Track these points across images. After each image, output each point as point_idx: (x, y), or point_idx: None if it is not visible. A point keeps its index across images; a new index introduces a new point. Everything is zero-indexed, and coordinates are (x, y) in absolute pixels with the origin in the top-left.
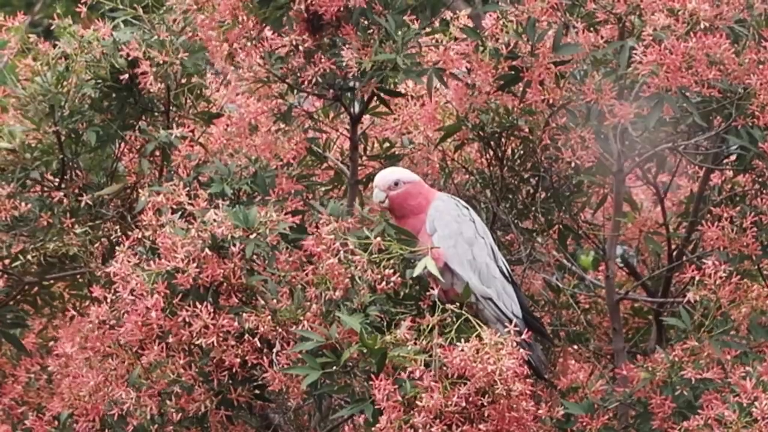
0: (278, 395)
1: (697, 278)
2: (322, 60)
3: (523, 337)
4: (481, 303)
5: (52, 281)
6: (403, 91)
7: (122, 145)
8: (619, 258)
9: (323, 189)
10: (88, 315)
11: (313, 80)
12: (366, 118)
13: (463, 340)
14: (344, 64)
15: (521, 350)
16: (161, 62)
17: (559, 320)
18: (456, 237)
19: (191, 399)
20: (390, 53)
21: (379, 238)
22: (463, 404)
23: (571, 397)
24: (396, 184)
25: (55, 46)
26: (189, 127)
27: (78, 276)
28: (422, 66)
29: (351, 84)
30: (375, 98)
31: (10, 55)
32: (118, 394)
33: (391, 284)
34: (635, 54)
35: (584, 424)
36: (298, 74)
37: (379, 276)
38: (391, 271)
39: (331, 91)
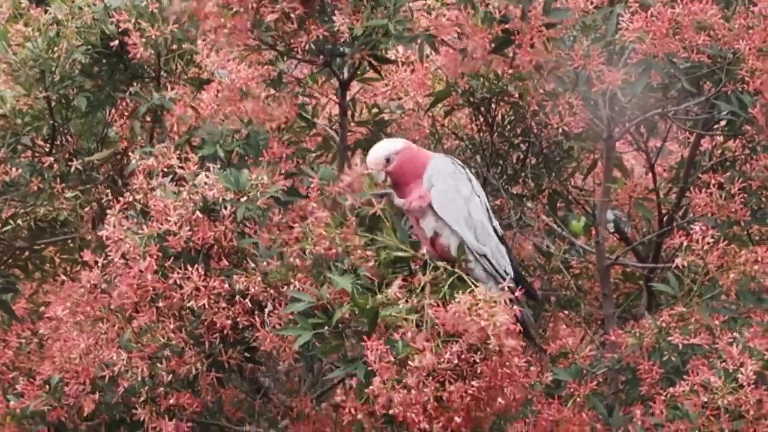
0: (269, 358)
1: (685, 244)
2: (314, 27)
3: (517, 294)
4: (473, 261)
5: (42, 246)
6: (393, 58)
7: (113, 110)
8: (611, 223)
9: (312, 155)
10: (79, 279)
11: (306, 47)
12: (356, 84)
13: (457, 295)
14: (336, 29)
15: (515, 307)
16: (151, 35)
17: (550, 285)
18: (452, 192)
19: (182, 362)
20: (381, 19)
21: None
22: (456, 361)
23: (561, 362)
24: (388, 160)
25: (46, 11)
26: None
27: (69, 241)
28: (413, 32)
29: (342, 50)
30: (365, 64)
31: (1, 21)
32: (108, 356)
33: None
34: (622, 20)
35: (572, 390)
36: (290, 41)
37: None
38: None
39: (322, 57)
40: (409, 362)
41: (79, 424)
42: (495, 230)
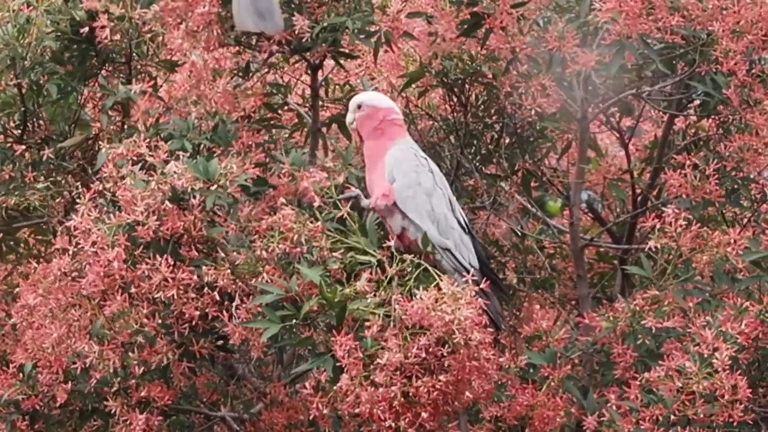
0: (241, 346)
1: (657, 226)
2: None
3: (482, 286)
4: (438, 254)
5: (16, 228)
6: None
7: (85, 94)
8: (584, 204)
9: (285, 134)
10: (52, 265)
11: (270, 43)
12: (329, 64)
13: (421, 289)
14: (297, 30)
15: (479, 300)
16: (120, 16)
17: (524, 266)
18: (414, 187)
19: (154, 351)
20: (342, 15)
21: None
22: (423, 356)
23: (535, 345)
24: (359, 107)
25: None
26: (150, 79)
27: (42, 224)
28: (375, 25)
29: (306, 45)
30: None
31: None
32: (81, 347)
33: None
34: (595, 1)
35: (547, 373)
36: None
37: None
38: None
39: (288, 49)
40: (378, 359)
41: (53, 412)
42: (459, 222)
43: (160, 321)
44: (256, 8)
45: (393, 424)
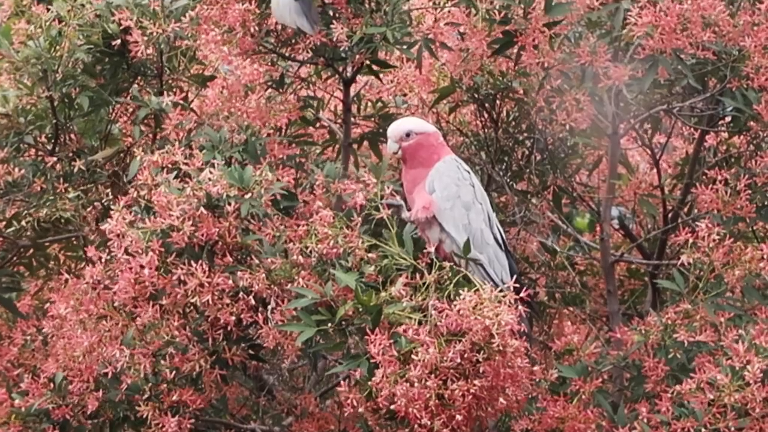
0: (273, 355)
1: (690, 241)
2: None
3: (522, 295)
4: (471, 267)
5: (47, 244)
6: (394, 64)
7: (116, 107)
8: (615, 220)
9: (317, 151)
10: (83, 276)
11: (305, 51)
12: (361, 80)
13: (463, 292)
14: (334, 38)
15: (519, 307)
16: (153, 33)
17: (555, 282)
18: (454, 200)
19: (185, 359)
20: (380, 25)
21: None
22: (459, 360)
23: (566, 359)
24: (408, 135)
25: (48, 9)
26: (181, 93)
27: (73, 238)
28: (413, 36)
29: (342, 54)
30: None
31: (3, 18)
32: (111, 353)
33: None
34: (630, 16)
35: (577, 387)
36: (290, 45)
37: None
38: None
39: (322, 59)
40: (413, 356)
41: (84, 423)
42: (495, 238)
43: (192, 329)
44: (296, 6)
45: (428, 422)
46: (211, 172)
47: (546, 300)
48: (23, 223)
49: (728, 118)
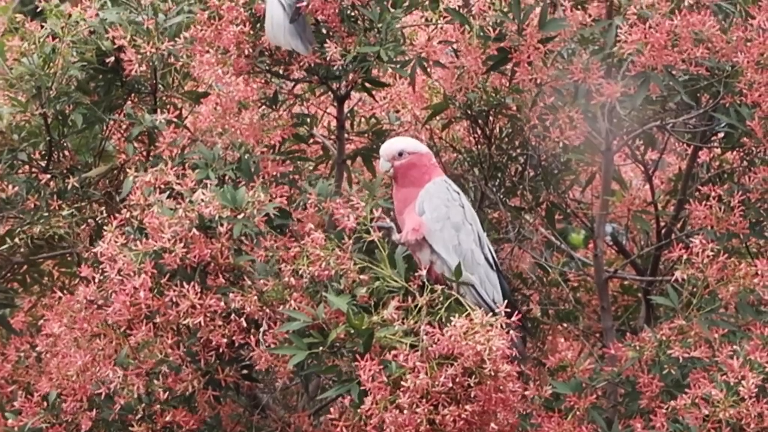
0: (266, 375)
1: (684, 257)
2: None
3: (514, 319)
4: (462, 289)
5: (41, 260)
6: (388, 80)
7: (110, 124)
8: (608, 236)
9: (310, 167)
10: (77, 294)
11: (299, 71)
12: (354, 96)
13: (453, 318)
14: (327, 57)
15: (511, 332)
16: (146, 52)
17: (548, 298)
18: (443, 221)
19: (179, 379)
20: (373, 44)
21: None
22: (450, 385)
23: (560, 376)
24: (400, 154)
25: (42, 26)
26: (175, 110)
27: (67, 255)
28: (406, 55)
29: (336, 73)
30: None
31: None
32: (105, 373)
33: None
34: (620, 32)
35: (572, 403)
36: (284, 64)
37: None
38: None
39: (316, 77)
40: (402, 383)
41: None
42: (486, 258)
43: (185, 349)
44: (290, 27)
45: None
46: (203, 193)
47: (539, 316)
48: (17, 239)
49: (721, 134)
